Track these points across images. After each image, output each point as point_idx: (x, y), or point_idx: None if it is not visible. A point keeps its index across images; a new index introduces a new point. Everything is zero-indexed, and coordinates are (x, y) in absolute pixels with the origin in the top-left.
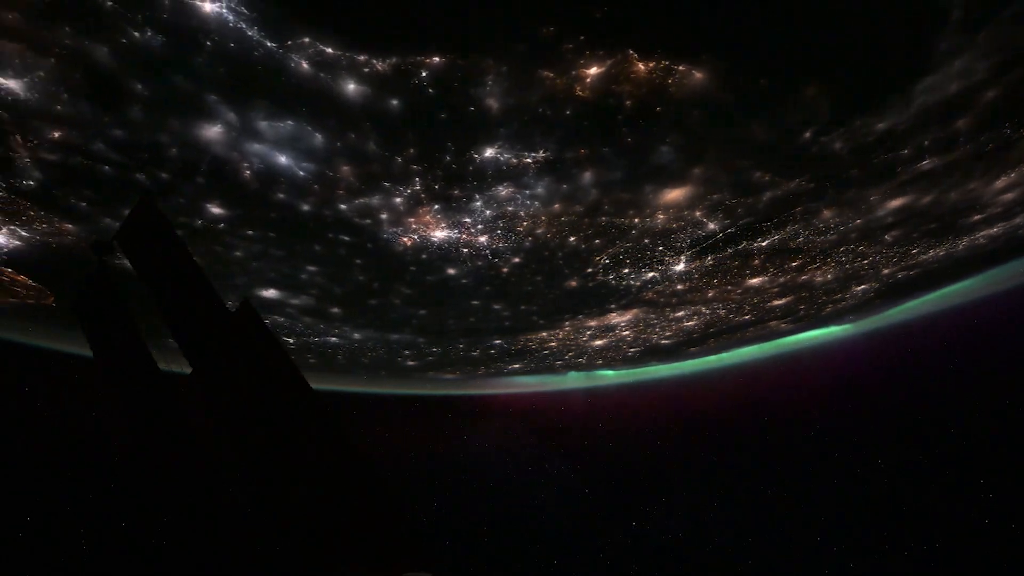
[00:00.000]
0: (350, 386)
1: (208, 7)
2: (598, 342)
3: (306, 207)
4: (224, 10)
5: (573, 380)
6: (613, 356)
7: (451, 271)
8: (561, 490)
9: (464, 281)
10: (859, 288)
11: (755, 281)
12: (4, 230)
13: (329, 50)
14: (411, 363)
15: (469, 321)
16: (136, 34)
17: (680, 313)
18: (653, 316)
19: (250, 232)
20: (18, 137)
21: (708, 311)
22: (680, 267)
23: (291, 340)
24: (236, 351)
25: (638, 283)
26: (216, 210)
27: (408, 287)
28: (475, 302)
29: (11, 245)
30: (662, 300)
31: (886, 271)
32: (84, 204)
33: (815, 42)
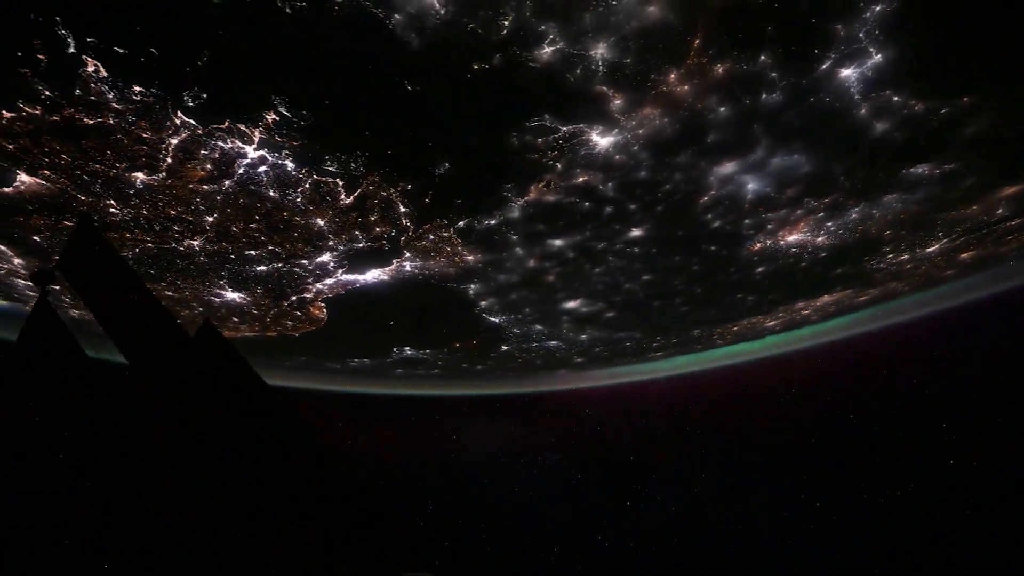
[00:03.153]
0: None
1: (844, 72)
2: (773, 322)
3: (717, 223)
4: (853, 74)
5: (647, 369)
6: (757, 334)
7: (760, 269)
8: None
9: (758, 277)
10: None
11: (965, 255)
12: (394, 265)
13: (896, 99)
14: (579, 359)
15: (710, 314)
16: (763, 95)
17: (872, 290)
18: (848, 296)
19: (636, 250)
20: (541, 185)
21: (894, 285)
22: (932, 249)
23: (505, 347)
24: (198, 375)
25: (883, 266)
26: (636, 232)
27: (702, 286)
28: (739, 295)
29: (376, 279)
30: (879, 279)
31: None
32: (516, 236)
33: None
